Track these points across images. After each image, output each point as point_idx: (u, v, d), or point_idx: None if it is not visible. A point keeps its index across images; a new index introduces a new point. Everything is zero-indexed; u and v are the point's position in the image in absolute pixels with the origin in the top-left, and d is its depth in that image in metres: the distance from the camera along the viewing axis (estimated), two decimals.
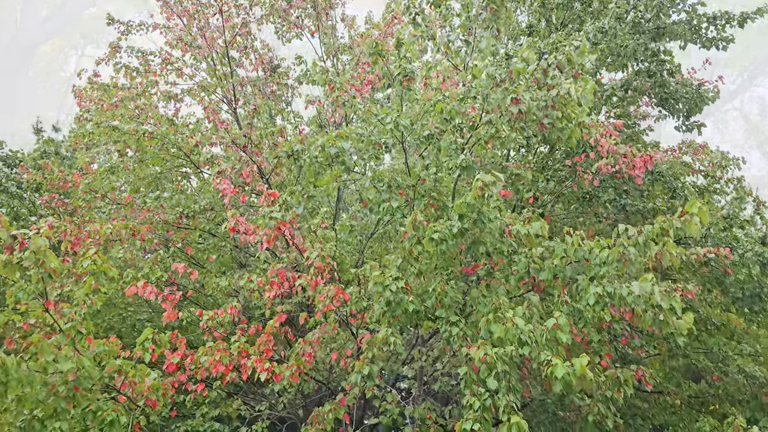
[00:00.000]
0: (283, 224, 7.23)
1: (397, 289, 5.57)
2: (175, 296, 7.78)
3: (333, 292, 6.12)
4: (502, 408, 4.70)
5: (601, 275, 5.05)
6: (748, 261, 8.07)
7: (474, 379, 5.12)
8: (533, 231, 5.44)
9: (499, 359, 4.69)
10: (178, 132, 10.41)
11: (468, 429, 4.72)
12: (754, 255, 8.14)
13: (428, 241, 5.51)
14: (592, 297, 4.90)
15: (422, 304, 5.86)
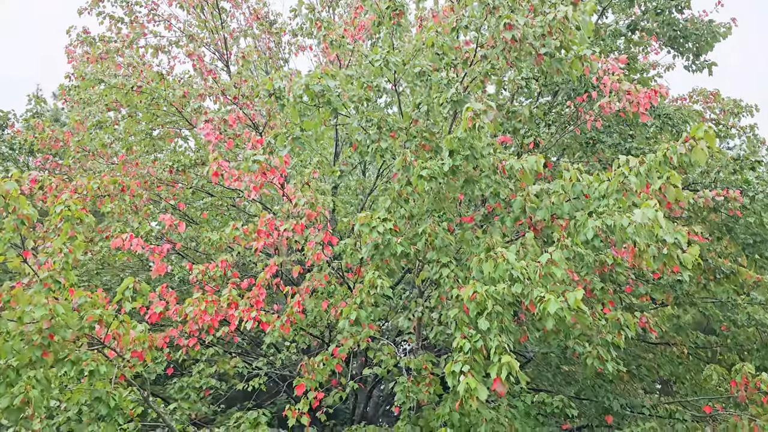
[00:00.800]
0: (271, 171, 6.94)
1: (385, 230, 5.28)
2: (162, 248, 7.56)
3: (321, 236, 5.84)
4: (493, 349, 4.44)
5: (600, 211, 4.72)
6: (758, 203, 7.70)
7: (465, 321, 4.86)
8: (528, 166, 5.11)
9: (489, 297, 4.41)
10: (169, 87, 10.08)
11: (457, 371, 4.47)
12: (765, 197, 7.77)
13: (417, 178, 5.20)
14: (591, 231, 4.59)
15: (413, 246, 5.58)
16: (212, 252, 9.04)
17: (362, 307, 5.43)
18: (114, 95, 10.32)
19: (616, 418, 8.11)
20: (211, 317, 6.22)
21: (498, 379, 4.24)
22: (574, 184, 4.99)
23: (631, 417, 7.89)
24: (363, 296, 5.51)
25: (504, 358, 4.21)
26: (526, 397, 7.53)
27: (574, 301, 4.08)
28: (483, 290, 4.42)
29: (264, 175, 6.35)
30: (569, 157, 10.02)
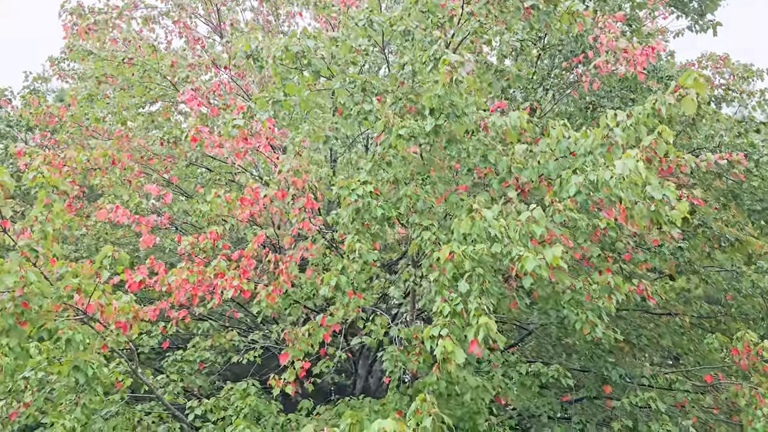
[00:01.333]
0: (257, 138, 6.77)
1: (364, 193, 5.10)
2: (148, 219, 7.45)
3: (303, 201, 5.68)
4: (472, 312, 4.27)
5: (584, 168, 4.50)
6: (763, 167, 7.41)
7: (446, 284, 4.68)
8: (511, 122, 4.88)
9: (467, 257, 4.23)
10: (162, 59, 9.91)
11: (435, 335, 4.31)
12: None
13: (395, 138, 5.00)
14: (573, 187, 4.37)
15: (396, 210, 5.40)
16: (204, 224, 8.92)
17: (344, 273, 5.27)
18: (106, 68, 10.18)
19: (615, 389, 7.94)
20: (193, 286, 6.09)
21: (475, 341, 4.07)
22: (559, 141, 4.76)
23: (630, 387, 7.70)
24: (345, 262, 5.35)
25: (481, 319, 4.04)
26: (521, 367, 7.38)
27: (552, 258, 3.88)
28: (460, 250, 4.24)
29: (246, 140, 6.18)
30: (571, 125, 9.74)
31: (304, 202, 5.73)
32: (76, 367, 5.34)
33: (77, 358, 5.39)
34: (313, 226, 6.80)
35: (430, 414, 4.40)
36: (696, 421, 7.65)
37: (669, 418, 7.25)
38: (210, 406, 6.91)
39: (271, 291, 6.53)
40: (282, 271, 6.06)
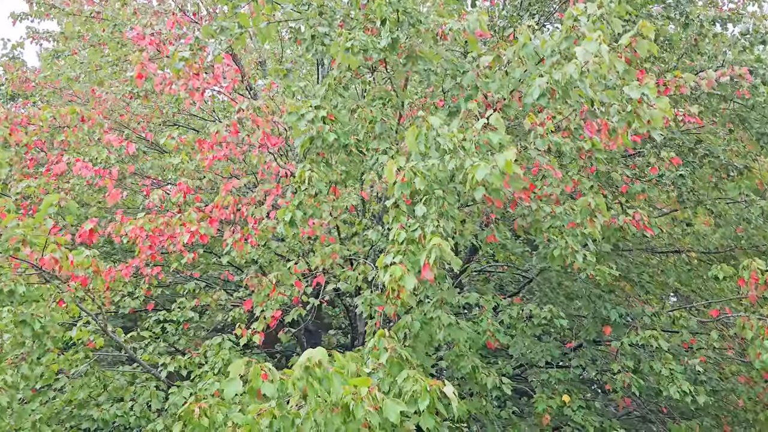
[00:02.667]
0: (215, 78, 6.32)
1: (315, 118, 4.63)
2: (112, 172, 7.08)
3: (259, 135, 5.23)
4: (429, 234, 3.82)
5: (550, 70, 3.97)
6: (765, 79, 6.78)
7: (404, 210, 4.23)
8: (470, 26, 4.35)
9: (419, 174, 3.76)
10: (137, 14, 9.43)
11: (388, 263, 3.88)
12: None
13: (343, 53, 4.50)
14: (537, 90, 3.85)
15: (354, 138, 4.94)
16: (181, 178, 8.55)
17: (300, 208, 4.84)
18: (78, 26, 9.76)
19: (616, 331, 7.48)
20: (149, 234, 5.72)
21: (427, 264, 3.63)
22: (525, 45, 4.22)
23: (631, 327, 7.24)
24: (303, 197, 4.92)
25: (434, 239, 3.59)
26: (513, 309, 6.95)
27: (505, 164, 3.40)
28: (409, 166, 3.77)
29: (197, 76, 5.72)
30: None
31: (260, 137, 5.28)
32: (23, 321, 5.03)
33: (23, 312, 5.07)
34: (284, 169, 6.38)
35: (387, 349, 4.02)
36: (704, 360, 7.19)
37: (672, 357, 6.79)
38: (184, 363, 6.61)
39: (239, 238, 6.16)
40: (243, 213, 5.65)
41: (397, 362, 3.87)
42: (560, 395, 7.15)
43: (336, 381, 3.01)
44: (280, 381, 3.20)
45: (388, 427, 3.09)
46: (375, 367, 4.01)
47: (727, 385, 7.18)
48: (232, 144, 6.24)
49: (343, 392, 3.15)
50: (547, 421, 7.26)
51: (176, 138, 5.98)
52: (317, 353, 3.05)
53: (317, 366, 3.05)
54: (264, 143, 5.51)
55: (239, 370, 3.24)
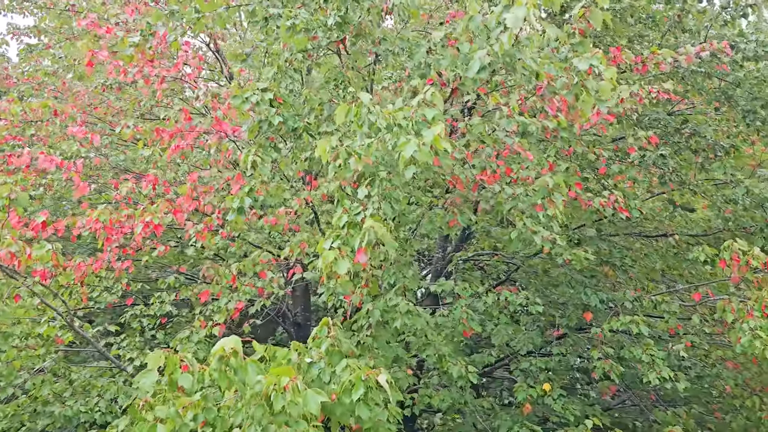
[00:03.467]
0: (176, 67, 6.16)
1: (260, 100, 4.46)
2: (77, 164, 6.95)
3: (208, 121, 5.07)
4: (368, 216, 3.65)
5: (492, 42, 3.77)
6: (748, 54, 6.51)
7: (347, 193, 4.06)
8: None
9: (353, 154, 3.58)
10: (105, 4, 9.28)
11: (327, 248, 3.71)
12: (757, 46, 6.56)
13: (284, 31, 4.32)
14: (476, 63, 3.65)
15: (304, 121, 4.76)
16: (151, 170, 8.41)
17: (250, 195, 4.68)
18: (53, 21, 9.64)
19: (598, 317, 7.28)
20: (105, 225, 5.59)
21: (361, 249, 3.46)
22: (472, 17, 4.02)
23: (612, 312, 7.04)
24: (255, 183, 4.76)
25: (368, 221, 3.42)
26: (488, 297, 6.76)
27: (433, 139, 3.21)
28: (343, 147, 3.59)
29: (150, 63, 5.57)
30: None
31: (211, 122, 5.12)
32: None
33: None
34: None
35: (328, 336, 3.86)
36: (690, 346, 6.96)
37: (654, 343, 6.58)
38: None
39: (201, 229, 6.03)
40: (200, 202, 5.51)
41: (338, 351, 3.71)
42: (541, 384, 6.97)
43: (251, 371, 2.85)
44: (199, 372, 3.05)
45: (310, 418, 2.93)
46: (319, 358, 3.86)
47: (713, 371, 6.95)
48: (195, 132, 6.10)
49: (266, 383, 3.01)
50: (528, 411, 7.09)
51: (131, 127, 5.83)
52: (231, 342, 2.89)
53: (232, 355, 2.89)
54: (223, 130, 5.33)
55: (158, 362, 3.09)
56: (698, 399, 8.21)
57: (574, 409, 6.71)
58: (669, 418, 7.24)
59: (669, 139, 7.91)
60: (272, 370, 3.06)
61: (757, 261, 5.83)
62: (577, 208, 6.97)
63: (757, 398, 6.67)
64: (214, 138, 5.62)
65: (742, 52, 6.79)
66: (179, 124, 5.32)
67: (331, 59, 5.40)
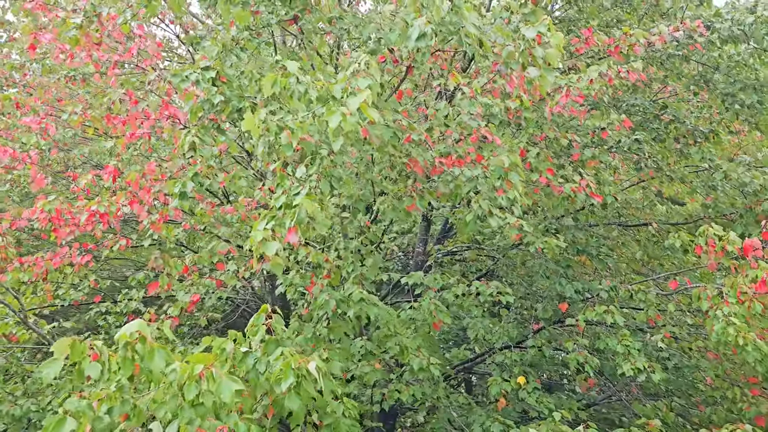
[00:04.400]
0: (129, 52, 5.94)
1: (200, 79, 4.23)
2: (32, 156, 6.74)
3: (157, 103, 4.84)
4: (302, 195, 3.42)
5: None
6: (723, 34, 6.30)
7: (288, 174, 3.84)
8: None
9: (285, 128, 3.35)
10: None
11: (261, 229, 3.48)
12: (732, 25, 6.34)
13: (222, 4, 4.10)
14: (416, 31, 3.43)
15: (251, 101, 4.53)
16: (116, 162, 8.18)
17: (194, 180, 4.46)
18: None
19: (574, 308, 7.06)
20: (52, 215, 5.36)
21: (292, 228, 3.23)
22: None
23: (588, 303, 6.82)
24: (197, 167, 4.53)
25: (296, 201, 3.19)
26: (457, 288, 6.53)
27: (360, 106, 2.98)
28: (274, 120, 3.36)
29: (97, 46, 5.34)
30: None
31: (158, 104, 4.89)
32: None
33: None
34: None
35: (264, 325, 3.64)
36: (669, 337, 6.74)
37: (630, 333, 6.35)
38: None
39: (156, 219, 5.80)
40: (147, 189, 5.28)
41: (274, 340, 3.48)
42: (515, 378, 6.74)
43: (158, 358, 2.63)
44: (107, 360, 2.82)
45: (222, 408, 2.70)
46: (257, 347, 3.64)
47: (691, 362, 6.73)
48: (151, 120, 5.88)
49: (180, 371, 2.78)
50: (503, 405, 6.86)
51: (80, 113, 5.60)
52: (135, 326, 2.67)
53: (140, 341, 2.67)
54: (171, 114, 5.11)
55: (64, 351, 2.86)
56: (682, 392, 7.99)
57: (549, 402, 6.48)
58: (648, 411, 7.01)
59: (648, 126, 7.70)
60: (189, 357, 2.84)
61: (733, 246, 5.62)
62: (549, 195, 6.76)
63: (738, 389, 6.45)
64: (168, 124, 5.40)
65: (718, 32, 6.58)
66: (133, 109, 5.07)
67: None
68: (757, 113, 7.07)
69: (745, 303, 5.27)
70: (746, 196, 7.08)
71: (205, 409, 2.82)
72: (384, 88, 5.14)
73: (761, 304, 5.13)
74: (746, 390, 6.49)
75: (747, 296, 5.26)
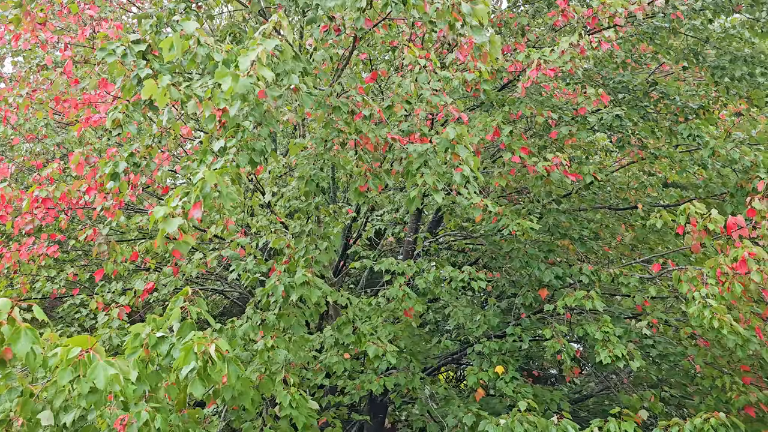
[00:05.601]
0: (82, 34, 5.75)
1: (126, 52, 4.00)
2: None
3: (94, 85, 4.64)
4: (215, 168, 3.18)
5: None
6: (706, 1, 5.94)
7: (211, 149, 3.60)
8: None
9: (193, 96, 3.11)
10: None
11: (173, 205, 3.25)
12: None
13: None
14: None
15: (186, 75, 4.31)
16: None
17: (128, 161, 4.25)
18: None
19: (557, 294, 6.75)
20: None
21: (197, 203, 3.00)
22: None
23: (569, 288, 6.51)
24: (133, 147, 4.33)
25: (199, 174, 2.96)
26: (429, 275, 6.27)
27: (247, 67, 2.72)
28: (181, 88, 3.12)
29: (43, 26, 5.15)
30: None
31: (95, 84, 4.68)
32: None
33: None
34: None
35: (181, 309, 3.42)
36: (656, 322, 6.40)
37: (611, 320, 6.03)
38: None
39: (111, 205, 5.61)
40: (94, 172, 5.09)
41: (189, 323, 3.25)
42: (493, 367, 6.47)
43: (24, 340, 2.41)
44: None
45: (94, 394, 2.48)
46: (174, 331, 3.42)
47: (677, 349, 6.38)
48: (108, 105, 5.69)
49: (60, 355, 2.57)
50: (481, 395, 6.59)
51: (24, 95, 5.42)
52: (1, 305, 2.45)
53: (9, 323, 2.45)
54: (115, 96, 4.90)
55: None
56: (676, 382, 7.64)
57: (527, 392, 6.19)
58: (634, 401, 6.68)
59: (638, 103, 7.36)
60: (69, 341, 2.62)
61: (715, 225, 5.28)
62: (526, 175, 6.48)
63: (728, 377, 6.09)
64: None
65: (702, 1, 6.22)
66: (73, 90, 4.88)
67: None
68: (748, 87, 6.67)
69: (725, 284, 4.93)
70: (737, 174, 6.70)
71: (97, 397, 2.61)
72: (333, 61, 4.89)
73: (741, 285, 4.79)
74: (737, 378, 6.13)
75: (727, 277, 4.92)
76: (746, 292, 4.80)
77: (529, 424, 4.93)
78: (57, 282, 8.18)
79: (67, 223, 6.25)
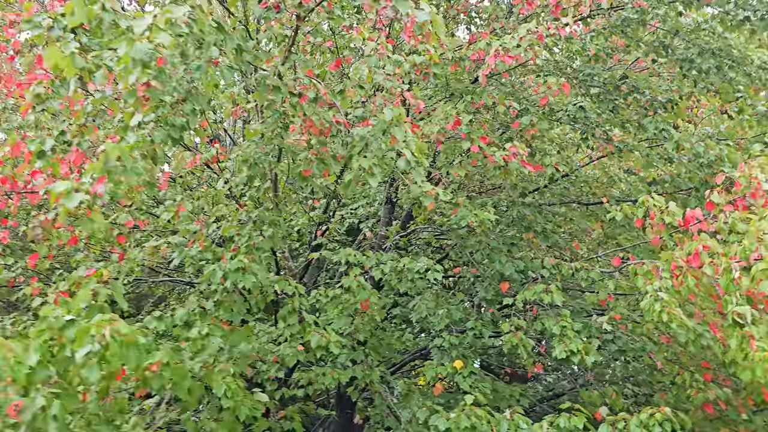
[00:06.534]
0: None
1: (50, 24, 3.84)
2: None
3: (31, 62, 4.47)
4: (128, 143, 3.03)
5: None
6: None
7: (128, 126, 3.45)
8: None
9: (102, 66, 2.96)
10: None
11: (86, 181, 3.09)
12: None
13: None
14: None
15: None
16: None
17: (58, 139, 4.09)
18: None
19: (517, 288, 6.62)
20: None
21: (101, 178, 2.85)
22: None
23: (529, 281, 6.38)
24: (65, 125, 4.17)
25: (101, 146, 2.81)
26: (385, 266, 6.12)
27: (144, 29, 2.57)
28: (89, 57, 2.96)
29: None
30: None
31: (31, 61, 4.52)
32: None
33: None
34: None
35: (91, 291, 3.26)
36: (619, 318, 6.29)
37: (569, 314, 5.91)
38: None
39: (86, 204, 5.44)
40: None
41: (97, 307, 3.10)
42: (452, 361, 6.34)
43: None
44: None
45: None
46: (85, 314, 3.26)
47: (636, 345, 6.28)
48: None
49: None
50: (439, 391, 6.47)
51: None
52: None
53: None
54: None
55: None
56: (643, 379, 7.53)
57: (485, 387, 6.07)
58: (594, 397, 6.57)
59: (608, 96, 7.25)
60: None
61: (672, 218, 5.17)
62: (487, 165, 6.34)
63: (688, 374, 5.99)
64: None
65: None
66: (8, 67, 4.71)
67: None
68: (720, 81, 6.55)
69: (679, 278, 4.81)
70: (704, 168, 6.60)
71: None
72: (281, 42, 4.76)
73: (695, 278, 4.67)
74: (698, 375, 6.03)
75: (681, 271, 4.80)
76: (700, 285, 4.68)
77: (477, 418, 4.80)
78: (14, 270, 7.99)
79: (16, 208, 6.08)
